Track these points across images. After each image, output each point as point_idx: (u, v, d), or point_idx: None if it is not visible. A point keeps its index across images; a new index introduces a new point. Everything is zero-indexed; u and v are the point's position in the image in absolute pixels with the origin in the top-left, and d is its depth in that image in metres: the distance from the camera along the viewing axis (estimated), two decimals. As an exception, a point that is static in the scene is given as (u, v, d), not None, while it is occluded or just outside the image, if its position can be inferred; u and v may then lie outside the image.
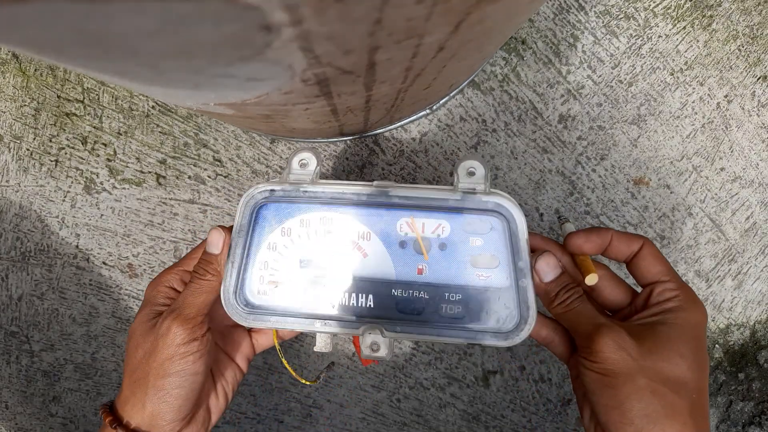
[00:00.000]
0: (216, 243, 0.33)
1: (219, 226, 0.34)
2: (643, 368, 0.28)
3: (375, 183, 0.33)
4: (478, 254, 0.33)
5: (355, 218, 0.33)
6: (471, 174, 0.33)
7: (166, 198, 0.48)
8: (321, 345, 0.35)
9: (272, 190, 0.33)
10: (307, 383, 0.37)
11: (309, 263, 0.33)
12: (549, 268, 0.32)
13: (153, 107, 0.48)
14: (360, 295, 0.33)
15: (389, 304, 0.33)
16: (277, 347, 0.36)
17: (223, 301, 0.33)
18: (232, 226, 0.34)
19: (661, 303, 0.31)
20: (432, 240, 0.33)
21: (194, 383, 0.32)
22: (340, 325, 0.33)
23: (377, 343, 0.32)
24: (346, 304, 0.33)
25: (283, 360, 0.36)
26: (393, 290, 0.33)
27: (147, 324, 0.33)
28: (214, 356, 0.37)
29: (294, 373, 0.37)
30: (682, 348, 0.29)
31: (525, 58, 0.47)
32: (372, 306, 0.33)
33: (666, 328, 0.29)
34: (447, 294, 0.33)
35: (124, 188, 0.48)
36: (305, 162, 0.33)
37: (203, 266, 0.33)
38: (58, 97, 0.48)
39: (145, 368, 0.32)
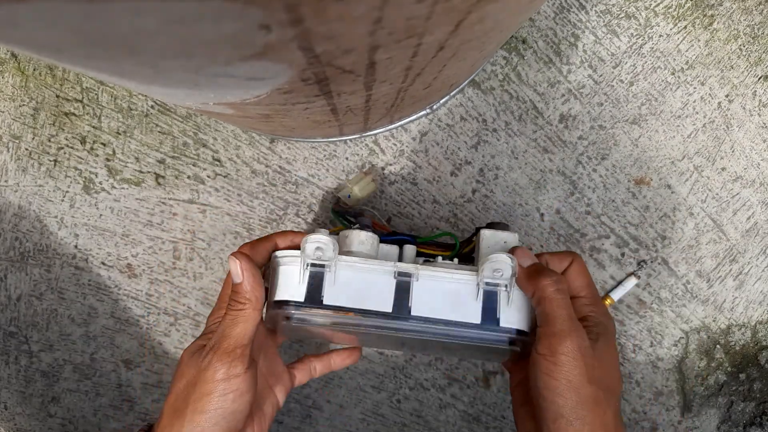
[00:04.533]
0: (235, 272, 0.33)
1: (235, 253, 0.33)
2: (593, 378, 0.30)
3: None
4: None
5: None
6: (497, 272, 0.33)
7: (165, 198, 0.48)
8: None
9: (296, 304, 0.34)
10: None
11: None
12: (526, 256, 0.34)
13: (152, 107, 0.48)
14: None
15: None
16: None
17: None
18: (248, 245, 0.35)
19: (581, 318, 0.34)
20: None
21: (232, 422, 0.31)
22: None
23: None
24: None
25: None
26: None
27: (193, 354, 0.33)
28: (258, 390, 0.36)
29: None
30: (615, 358, 0.33)
31: (526, 58, 0.47)
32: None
33: (603, 339, 0.32)
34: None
35: (123, 188, 0.48)
36: (321, 248, 0.33)
37: (233, 296, 0.33)
38: (57, 96, 0.48)
39: (185, 400, 0.31)
